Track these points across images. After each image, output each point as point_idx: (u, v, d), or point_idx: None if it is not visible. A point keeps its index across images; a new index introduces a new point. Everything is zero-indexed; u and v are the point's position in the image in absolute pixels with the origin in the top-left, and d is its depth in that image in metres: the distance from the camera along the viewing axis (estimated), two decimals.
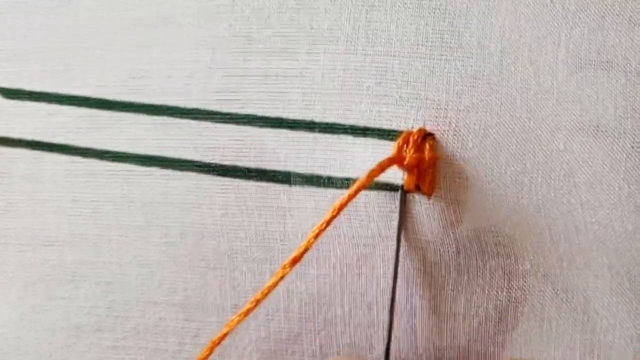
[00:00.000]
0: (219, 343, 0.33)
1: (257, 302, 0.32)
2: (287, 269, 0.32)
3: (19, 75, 0.39)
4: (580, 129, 0.33)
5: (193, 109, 0.37)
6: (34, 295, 0.39)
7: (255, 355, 0.38)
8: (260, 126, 0.36)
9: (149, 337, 0.38)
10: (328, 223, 0.32)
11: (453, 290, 0.35)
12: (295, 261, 0.32)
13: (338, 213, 0.32)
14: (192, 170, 0.37)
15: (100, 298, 0.38)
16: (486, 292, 0.35)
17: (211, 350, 0.33)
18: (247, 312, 0.32)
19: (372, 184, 0.34)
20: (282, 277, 0.32)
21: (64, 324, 0.39)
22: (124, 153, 0.38)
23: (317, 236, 0.33)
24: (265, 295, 0.32)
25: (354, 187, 0.33)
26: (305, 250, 0.32)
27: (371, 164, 0.35)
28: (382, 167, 0.33)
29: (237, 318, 0.33)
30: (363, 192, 0.35)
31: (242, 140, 0.36)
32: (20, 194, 0.39)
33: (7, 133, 0.39)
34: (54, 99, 0.38)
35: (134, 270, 0.38)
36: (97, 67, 0.38)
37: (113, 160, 0.38)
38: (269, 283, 0.33)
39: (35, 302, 0.39)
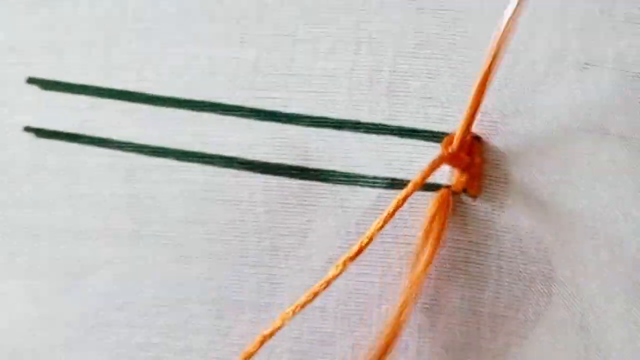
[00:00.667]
0: (270, 336, 0.33)
1: (315, 294, 0.32)
2: (345, 266, 0.32)
3: (58, 66, 0.39)
4: (627, 141, 0.34)
5: (236, 106, 0.37)
6: (65, 290, 0.39)
7: (286, 356, 0.38)
8: (305, 125, 0.36)
9: (179, 335, 0.38)
10: (387, 220, 0.32)
11: (494, 292, 0.35)
12: (352, 258, 0.32)
13: (398, 208, 0.33)
14: (234, 167, 0.37)
15: (133, 294, 0.38)
16: (526, 295, 0.35)
17: (261, 344, 0.33)
18: (304, 305, 0.32)
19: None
20: (340, 273, 0.32)
21: (95, 319, 0.38)
22: (163, 148, 0.38)
23: (376, 232, 0.33)
24: (323, 288, 0.32)
25: (410, 186, 0.33)
26: (363, 247, 0.32)
27: (418, 165, 0.35)
28: (436, 165, 0.34)
29: (293, 310, 0.33)
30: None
31: (286, 138, 0.37)
32: (55, 187, 0.39)
33: (44, 124, 0.39)
34: (93, 92, 0.38)
35: (169, 266, 0.38)
36: (139, 61, 0.38)
37: (152, 155, 0.38)
38: (326, 278, 0.32)
39: (66, 297, 0.39)
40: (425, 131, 0.35)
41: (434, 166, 0.33)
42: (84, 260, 0.38)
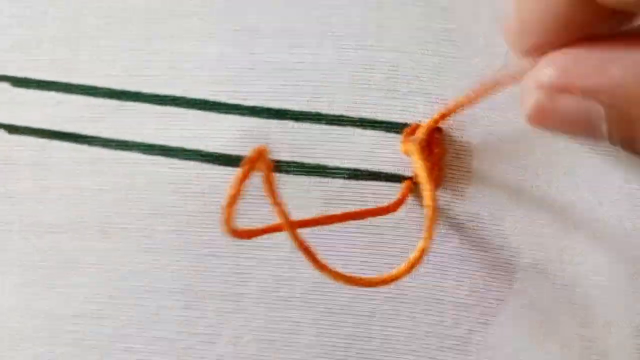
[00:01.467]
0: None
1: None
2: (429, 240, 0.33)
3: (28, 64, 0.39)
4: None
5: (199, 100, 0.37)
6: (35, 282, 0.39)
7: (252, 345, 0.38)
8: (266, 117, 0.37)
9: (148, 326, 0.38)
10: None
11: (456, 280, 0.36)
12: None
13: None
14: (196, 160, 0.37)
15: (102, 286, 0.38)
16: (488, 283, 0.36)
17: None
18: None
19: (379, 175, 0.35)
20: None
21: (65, 311, 0.39)
22: (129, 142, 0.38)
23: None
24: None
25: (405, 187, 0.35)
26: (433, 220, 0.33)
27: (379, 156, 0.36)
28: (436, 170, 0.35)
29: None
30: (370, 184, 0.36)
31: (246, 130, 0.37)
32: (24, 181, 0.39)
33: (14, 121, 0.39)
34: (61, 88, 0.39)
35: (137, 258, 0.38)
36: (105, 56, 0.38)
37: (118, 149, 0.38)
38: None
39: (37, 289, 0.39)
40: (386, 122, 0.36)
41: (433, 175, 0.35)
42: (54, 253, 0.39)
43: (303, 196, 0.37)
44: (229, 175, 0.37)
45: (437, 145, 0.35)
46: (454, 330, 0.36)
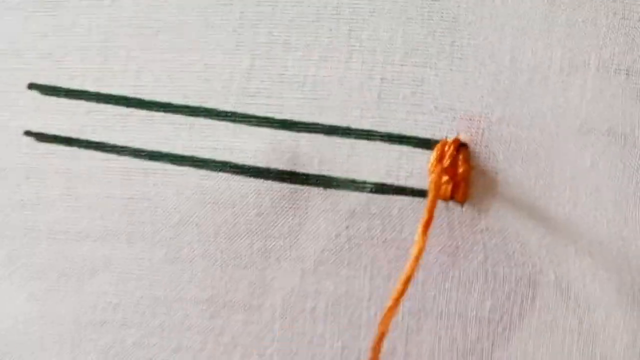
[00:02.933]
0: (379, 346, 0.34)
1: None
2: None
3: (58, 72, 0.40)
4: (607, 148, 0.35)
5: (230, 112, 0.38)
6: (61, 289, 0.40)
7: (276, 357, 0.38)
8: (296, 131, 0.37)
9: (173, 335, 0.39)
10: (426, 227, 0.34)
11: (480, 295, 0.36)
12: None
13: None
14: (226, 171, 0.38)
15: (128, 294, 0.39)
16: (511, 299, 0.36)
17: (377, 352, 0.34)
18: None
19: (406, 190, 0.36)
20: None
21: (90, 318, 0.39)
22: (158, 152, 0.38)
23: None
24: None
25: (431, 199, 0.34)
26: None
27: (405, 171, 0.36)
28: (438, 182, 0.35)
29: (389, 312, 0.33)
30: (397, 197, 0.36)
31: (277, 143, 0.37)
32: (53, 189, 0.39)
33: (43, 129, 0.40)
34: (92, 97, 0.39)
35: (164, 267, 0.38)
36: (136, 67, 0.39)
37: (148, 159, 0.38)
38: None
39: (63, 296, 0.40)
40: (413, 137, 0.36)
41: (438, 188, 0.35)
42: (82, 260, 0.39)
43: (330, 209, 0.37)
44: (258, 187, 0.37)
45: (463, 162, 0.35)
46: (476, 345, 0.36)
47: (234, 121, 0.38)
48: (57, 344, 0.40)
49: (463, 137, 0.36)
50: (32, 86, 0.40)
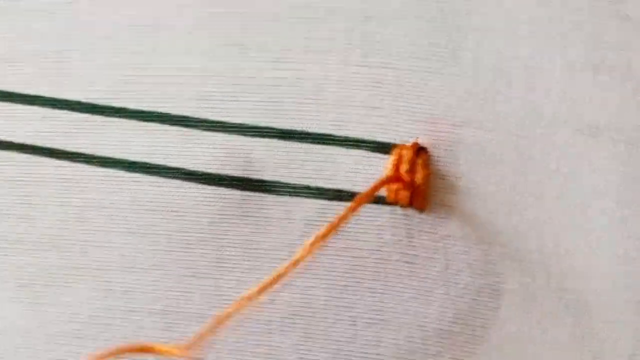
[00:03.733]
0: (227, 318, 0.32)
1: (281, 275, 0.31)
2: (286, 271, 0.31)
3: (13, 77, 0.39)
4: (571, 151, 0.33)
5: (183, 117, 0.37)
6: (19, 301, 0.39)
7: None
8: (251, 135, 0.36)
9: None
10: (324, 236, 0.31)
11: (441, 306, 0.34)
12: (295, 264, 0.31)
13: (338, 225, 0.32)
14: (178, 178, 0.37)
15: (83, 305, 0.38)
16: (473, 310, 0.34)
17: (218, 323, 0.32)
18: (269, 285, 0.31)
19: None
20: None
21: (45, 330, 0.38)
22: (111, 158, 0.37)
23: (312, 248, 0.32)
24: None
25: (353, 204, 0.32)
26: (300, 259, 0.31)
27: (363, 176, 0.34)
28: (381, 184, 0.33)
29: (258, 289, 0.31)
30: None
31: (229, 148, 0.36)
32: (7, 197, 0.38)
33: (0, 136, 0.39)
34: (46, 103, 0.38)
35: (119, 277, 0.37)
36: (90, 71, 0.38)
37: (100, 166, 0.37)
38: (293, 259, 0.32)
39: (20, 308, 0.39)
40: (371, 141, 0.35)
41: (375, 189, 0.33)
42: (36, 271, 0.38)
43: (285, 217, 0.35)
44: (209, 194, 0.36)
45: (422, 167, 0.34)
46: (437, 358, 0.35)
47: (186, 126, 0.36)
48: (13, 355, 0.39)
49: (422, 141, 0.34)
50: None
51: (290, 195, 0.35)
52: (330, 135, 0.35)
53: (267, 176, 0.36)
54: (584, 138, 0.33)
